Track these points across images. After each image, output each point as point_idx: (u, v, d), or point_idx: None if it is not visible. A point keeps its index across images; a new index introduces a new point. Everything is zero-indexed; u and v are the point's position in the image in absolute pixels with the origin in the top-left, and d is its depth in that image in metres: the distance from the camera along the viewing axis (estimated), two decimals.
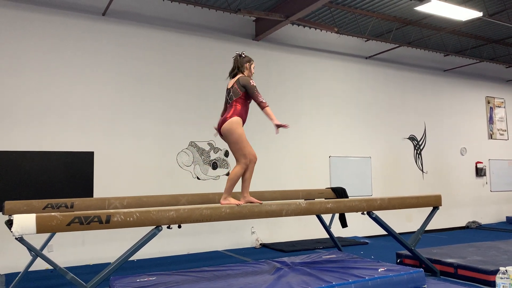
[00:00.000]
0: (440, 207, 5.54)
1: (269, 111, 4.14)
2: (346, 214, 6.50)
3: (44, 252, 5.71)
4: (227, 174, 7.81)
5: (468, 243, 6.76)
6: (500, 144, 12.19)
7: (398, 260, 5.98)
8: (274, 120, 4.10)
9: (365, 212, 5.00)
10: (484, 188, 11.66)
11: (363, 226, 8.69)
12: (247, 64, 4.39)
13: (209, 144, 7.93)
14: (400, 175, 10.18)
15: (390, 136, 10.16)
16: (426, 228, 5.55)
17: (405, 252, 5.86)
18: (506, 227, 10.49)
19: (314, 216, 6.49)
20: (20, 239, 3.23)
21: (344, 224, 6.58)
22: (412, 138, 10.53)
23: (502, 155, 12.11)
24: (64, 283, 5.32)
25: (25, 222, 3.17)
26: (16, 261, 5.95)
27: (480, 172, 11.51)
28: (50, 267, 5.40)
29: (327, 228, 6.70)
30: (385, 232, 5.40)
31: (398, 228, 6.68)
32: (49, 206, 4.63)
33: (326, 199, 6.23)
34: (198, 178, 7.78)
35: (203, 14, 8.08)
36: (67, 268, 4.10)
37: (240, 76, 4.30)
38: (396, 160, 10.18)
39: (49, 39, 6.77)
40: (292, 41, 9.04)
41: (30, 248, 3.41)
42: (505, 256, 5.55)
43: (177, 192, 6.81)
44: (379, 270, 4.51)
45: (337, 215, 6.73)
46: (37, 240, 4.38)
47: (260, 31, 8.45)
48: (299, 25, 8.97)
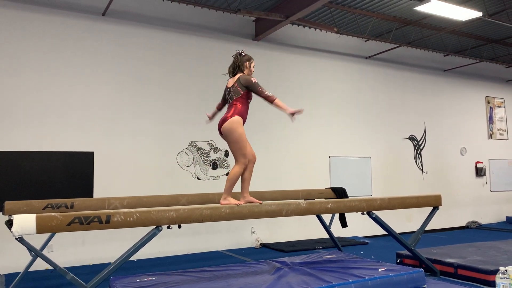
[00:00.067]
0: (440, 207, 5.55)
1: (279, 103, 4.09)
2: (346, 214, 6.50)
3: (44, 252, 5.71)
4: (227, 174, 7.80)
5: (468, 243, 6.76)
6: (500, 144, 12.19)
7: (398, 260, 5.98)
8: (287, 109, 4.05)
9: (365, 212, 5.00)
10: (484, 188, 11.66)
11: (363, 226, 8.69)
12: (247, 63, 4.34)
13: (209, 144, 7.93)
14: (400, 175, 10.18)
15: (390, 136, 10.16)
16: (426, 228, 5.55)
17: (405, 252, 5.86)
18: (506, 227, 10.49)
19: (314, 216, 6.49)
20: (20, 239, 3.23)
21: (344, 224, 6.58)
22: (412, 138, 10.53)
23: (502, 155, 12.11)
24: (64, 283, 5.32)
25: (25, 222, 3.17)
26: (16, 261, 5.95)
27: (480, 172, 11.51)
28: (50, 267, 5.40)
29: (327, 228, 6.70)
30: (385, 232, 5.40)
31: (398, 228, 6.68)
32: (49, 206, 4.63)
33: (326, 199, 6.23)
34: (198, 178, 7.79)
35: (203, 14, 8.08)
36: (67, 268, 4.10)
37: (241, 75, 4.25)
38: (396, 160, 10.18)
39: (49, 39, 6.77)
40: (292, 41, 9.04)
41: (30, 248, 3.41)
42: (505, 256, 5.55)
43: (177, 192, 6.80)
44: (379, 270, 4.51)
45: (337, 215, 6.74)
46: (37, 240, 4.38)
47: (260, 31, 8.45)
48: (299, 25, 8.97)
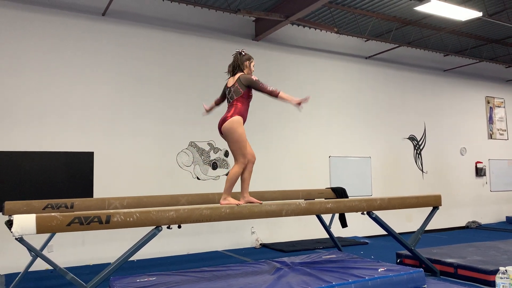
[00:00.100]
0: (440, 207, 5.55)
1: (284, 96, 4.08)
2: (346, 214, 6.50)
3: (44, 252, 5.71)
4: (227, 174, 7.80)
5: (468, 243, 6.76)
6: (500, 144, 12.19)
7: (398, 260, 5.98)
8: (293, 100, 4.05)
9: (365, 212, 5.00)
10: (484, 188, 11.66)
11: (363, 226, 8.69)
12: (247, 62, 4.33)
13: (209, 144, 7.93)
14: (400, 175, 10.18)
15: (390, 136, 10.16)
16: (426, 228, 5.55)
17: (405, 252, 5.86)
18: (506, 227, 10.49)
19: (314, 216, 6.49)
20: (20, 240, 3.23)
21: (344, 224, 6.58)
22: (412, 138, 10.53)
23: (502, 155, 12.11)
24: (64, 283, 5.32)
25: (25, 222, 3.17)
26: (16, 261, 5.95)
27: (480, 172, 11.51)
28: (50, 268, 5.37)
29: (327, 228, 6.70)
30: (385, 232, 5.40)
31: (398, 228, 6.68)
32: (49, 206, 4.63)
33: (326, 199, 6.23)
34: (198, 178, 7.79)
35: (203, 14, 8.08)
36: (67, 268, 4.09)
37: (241, 74, 4.24)
38: (396, 160, 10.18)
39: (49, 39, 6.77)
40: (292, 41, 9.04)
41: (30, 248, 3.41)
42: (505, 256, 5.55)
43: (177, 192, 6.80)
44: (379, 270, 4.51)
45: (337, 215, 6.74)
46: (37, 240, 4.38)
47: (260, 31, 8.45)
48: (299, 25, 8.97)
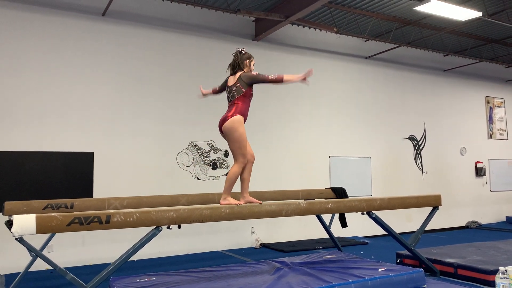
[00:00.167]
0: (440, 207, 5.55)
1: (289, 78, 4.08)
2: (346, 214, 6.50)
3: (44, 252, 5.71)
4: (227, 175, 7.80)
5: (468, 243, 6.76)
6: (500, 144, 12.19)
7: (398, 260, 5.98)
8: (298, 78, 4.07)
9: (365, 212, 5.00)
10: (484, 188, 11.66)
11: (363, 226, 8.70)
12: (247, 61, 4.32)
13: (209, 144, 7.93)
14: (400, 175, 10.19)
15: (390, 136, 10.16)
16: (426, 228, 5.55)
17: (405, 252, 5.86)
18: (506, 227, 10.49)
19: (314, 216, 6.50)
20: (20, 240, 3.23)
21: (344, 224, 6.58)
22: (412, 138, 10.53)
23: (501, 155, 12.12)
24: (64, 283, 5.32)
25: (25, 222, 3.17)
26: (16, 261, 5.96)
27: (480, 172, 11.51)
28: (50, 268, 5.38)
29: (327, 228, 6.70)
30: (385, 232, 5.41)
31: (398, 228, 6.69)
32: (49, 206, 4.63)
33: (326, 199, 6.23)
34: (198, 178, 7.79)
35: (203, 14, 8.08)
36: (67, 268, 4.09)
37: (241, 73, 4.23)
38: (396, 160, 10.18)
39: (49, 39, 6.77)
40: (292, 41, 9.04)
41: (30, 248, 3.41)
42: (504, 256, 5.55)
43: (177, 192, 6.81)
44: (379, 270, 4.51)
45: (337, 215, 6.74)
46: (37, 241, 4.39)
47: (260, 31, 8.45)
48: (298, 25, 8.97)
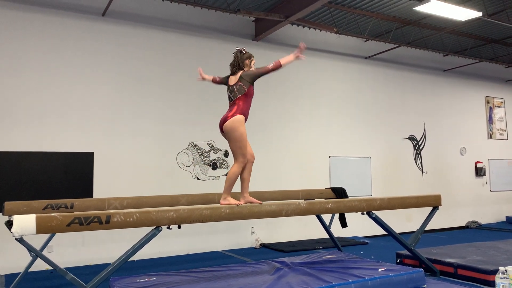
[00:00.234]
0: (439, 207, 5.55)
1: (285, 61, 4.16)
2: (346, 214, 6.50)
3: (44, 252, 5.70)
4: (227, 174, 7.81)
5: (468, 243, 6.77)
6: (500, 144, 12.19)
7: (398, 260, 5.98)
8: (292, 57, 4.16)
9: (365, 212, 5.00)
10: (483, 188, 11.67)
11: (363, 226, 8.70)
12: (248, 61, 4.34)
13: (209, 144, 7.93)
14: (400, 175, 10.19)
15: (390, 136, 10.16)
16: (426, 228, 5.55)
17: (405, 252, 5.86)
18: (506, 227, 10.49)
19: (314, 216, 6.50)
20: (20, 240, 3.23)
21: (344, 224, 6.58)
22: (411, 138, 10.53)
23: (501, 155, 12.12)
24: (64, 283, 5.32)
25: (25, 222, 3.17)
26: (16, 261, 5.95)
27: (479, 172, 11.51)
28: (50, 268, 5.38)
29: (327, 228, 6.71)
30: (385, 232, 5.41)
31: (398, 228, 6.69)
32: (49, 206, 4.63)
33: (326, 199, 6.23)
34: (198, 178, 7.79)
35: (203, 14, 8.08)
36: (67, 268, 4.09)
37: (242, 72, 4.25)
38: (396, 160, 10.18)
39: (49, 39, 6.77)
40: (292, 41, 9.03)
41: (30, 248, 3.41)
42: (504, 256, 5.55)
43: (177, 192, 6.80)
44: (379, 270, 4.51)
45: (337, 215, 6.74)
46: (37, 241, 4.39)
47: (260, 32, 8.45)
48: (298, 25, 8.97)
